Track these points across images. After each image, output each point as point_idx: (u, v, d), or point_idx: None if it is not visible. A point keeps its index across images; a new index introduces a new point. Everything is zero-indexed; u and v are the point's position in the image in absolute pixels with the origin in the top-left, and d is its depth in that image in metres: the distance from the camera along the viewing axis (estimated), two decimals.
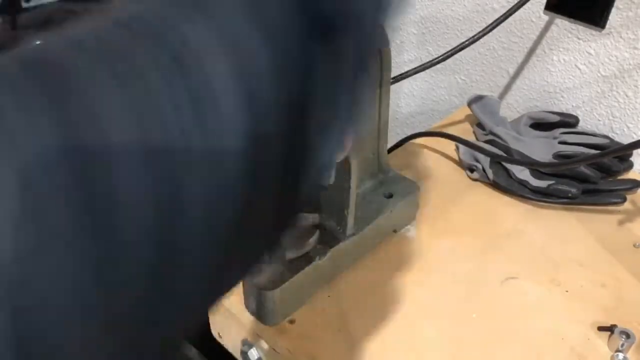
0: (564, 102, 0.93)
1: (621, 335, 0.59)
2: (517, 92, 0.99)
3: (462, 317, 0.64)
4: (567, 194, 0.78)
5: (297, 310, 0.64)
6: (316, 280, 0.66)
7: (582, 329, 0.62)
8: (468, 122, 0.97)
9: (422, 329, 0.63)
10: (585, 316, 0.64)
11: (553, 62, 0.92)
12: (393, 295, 0.67)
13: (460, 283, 0.68)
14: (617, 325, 0.61)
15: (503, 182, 0.81)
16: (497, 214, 0.79)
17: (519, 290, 0.67)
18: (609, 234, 0.75)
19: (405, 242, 0.74)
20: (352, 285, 0.68)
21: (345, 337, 0.62)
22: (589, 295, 0.66)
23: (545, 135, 0.87)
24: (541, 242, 0.74)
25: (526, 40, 0.93)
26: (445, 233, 0.75)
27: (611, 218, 0.77)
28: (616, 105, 0.87)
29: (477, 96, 0.93)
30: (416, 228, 0.76)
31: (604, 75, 0.86)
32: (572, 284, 0.68)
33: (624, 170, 0.83)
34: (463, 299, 0.66)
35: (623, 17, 0.81)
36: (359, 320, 0.63)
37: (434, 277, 0.69)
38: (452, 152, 0.90)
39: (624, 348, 0.59)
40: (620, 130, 0.88)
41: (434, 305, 0.65)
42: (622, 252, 0.72)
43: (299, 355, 0.60)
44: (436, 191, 0.78)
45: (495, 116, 0.91)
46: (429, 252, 0.73)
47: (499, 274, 0.69)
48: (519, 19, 0.92)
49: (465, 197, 0.81)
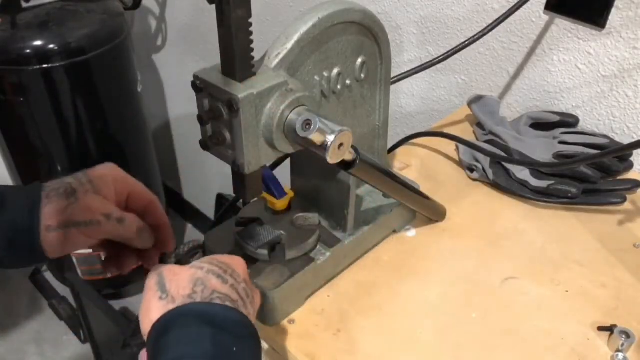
0: (564, 102, 0.93)
1: (621, 335, 0.59)
2: (517, 92, 0.99)
3: (462, 317, 0.64)
4: (567, 194, 0.78)
5: (297, 310, 0.64)
6: (316, 280, 0.66)
7: (582, 329, 0.62)
8: (468, 122, 0.97)
9: (422, 329, 0.63)
10: (585, 316, 0.64)
11: (553, 62, 0.92)
12: (393, 295, 0.67)
13: (460, 283, 0.68)
14: (617, 325, 0.60)
15: (503, 182, 0.81)
16: (497, 214, 0.79)
17: (519, 290, 0.67)
18: (609, 234, 0.75)
19: (405, 242, 0.74)
20: (352, 285, 0.68)
21: (345, 337, 0.62)
22: (589, 295, 0.66)
23: (545, 135, 0.87)
24: (541, 242, 0.74)
25: (526, 40, 0.93)
26: (445, 233, 0.75)
27: (611, 218, 0.77)
28: (616, 105, 0.87)
29: (477, 96, 0.93)
30: (416, 228, 0.76)
31: (604, 75, 0.86)
32: (572, 284, 0.68)
33: (624, 170, 0.83)
34: (463, 299, 0.66)
35: (623, 17, 0.81)
36: (359, 320, 0.63)
37: (434, 277, 0.69)
38: (452, 152, 0.90)
39: (624, 348, 0.59)
40: (620, 130, 0.88)
41: (434, 305, 0.65)
42: (622, 252, 0.72)
43: (299, 355, 0.60)
44: (436, 191, 0.78)
45: (495, 116, 0.91)
46: (428, 252, 0.73)
47: (499, 274, 0.69)
48: (519, 19, 0.92)
49: (465, 197, 0.81)
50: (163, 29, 1.82)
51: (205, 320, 0.44)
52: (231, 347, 0.44)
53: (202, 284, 0.48)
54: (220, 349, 0.43)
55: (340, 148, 0.51)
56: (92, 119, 1.50)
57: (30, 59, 1.33)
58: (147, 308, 0.47)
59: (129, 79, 1.57)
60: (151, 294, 0.48)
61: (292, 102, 0.52)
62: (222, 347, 0.43)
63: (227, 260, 0.51)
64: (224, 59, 0.51)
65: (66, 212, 0.52)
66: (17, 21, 1.37)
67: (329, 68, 0.59)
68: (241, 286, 0.50)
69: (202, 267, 0.49)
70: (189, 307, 0.45)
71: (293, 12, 1.33)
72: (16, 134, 1.50)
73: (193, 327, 0.44)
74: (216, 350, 0.43)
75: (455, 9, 1.00)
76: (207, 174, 2.05)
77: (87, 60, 1.39)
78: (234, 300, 0.48)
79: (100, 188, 0.54)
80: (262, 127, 0.52)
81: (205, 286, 0.47)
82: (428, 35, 1.06)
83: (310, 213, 0.67)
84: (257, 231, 0.65)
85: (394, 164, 0.87)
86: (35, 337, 1.90)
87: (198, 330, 0.43)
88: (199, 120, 0.53)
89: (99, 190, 0.54)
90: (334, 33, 0.58)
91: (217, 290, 0.48)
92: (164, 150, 2.10)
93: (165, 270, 0.50)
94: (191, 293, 0.47)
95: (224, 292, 0.48)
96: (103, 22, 1.44)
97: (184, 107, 1.97)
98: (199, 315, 0.45)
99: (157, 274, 0.49)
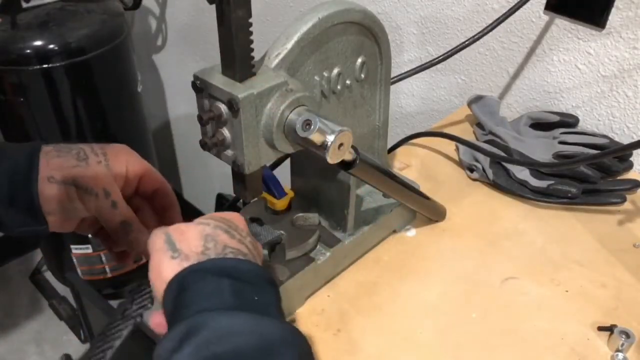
0: (564, 102, 0.93)
1: (621, 335, 0.59)
2: (517, 92, 0.99)
3: (462, 317, 0.64)
4: (567, 194, 0.78)
5: (297, 310, 0.64)
6: (316, 280, 0.66)
7: (582, 329, 0.62)
8: (468, 122, 0.97)
9: (422, 329, 0.63)
10: (585, 316, 0.64)
11: (553, 62, 0.91)
12: (393, 295, 0.67)
13: (460, 283, 0.68)
14: (617, 325, 0.60)
15: (503, 182, 0.81)
16: (497, 214, 0.79)
17: (519, 290, 0.67)
18: (609, 234, 0.75)
19: (405, 242, 0.74)
20: (352, 285, 0.68)
21: (345, 337, 0.62)
22: (589, 295, 0.66)
23: (545, 135, 0.87)
24: (541, 242, 0.74)
25: (526, 40, 0.93)
26: (445, 233, 0.75)
27: (611, 218, 0.77)
28: (616, 105, 0.87)
29: (477, 96, 0.93)
30: (416, 228, 0.76)
31: (604, 75, 0.86)
32: (572, 284, 0.68)
33: (624, 170, 0.83)
34: (463, 299, 0.66)
35: (623, 17, 0.81)
36: (359, 320, 0.64)
37: (434, 277, 0.69)
38: (452, 152, 0.90)
39: (624, 348, 0.59)
40: (620, 130, 0.88)
41: (434, 305, 0.65)
42: (622, 252, 0.72)
43: None
44: (436, 191, 0.78)
45: (495, 116, 0.91)
46: (428, 252, 0.73)
47: (499, 274, 0.69)
48: (519, 19, 0.92)
49: (465, 197, 0.81)
50: (163, 29, 1.82)
51: (223, 274, 0.44)
52: (252, 296, 0.44)
53: (213, 240, 0.47)
54: (242, 299, 0.43)
55: (340, 148, 0.51)
56: (92, 119, 1.50)
57: (30, 59, 1.33)
58: (159, 269, 0.46)
59: (129, 79, 1.57)
60: (161, 254, 0.46)
61: (292, 102, 0.52)
62: (244, 297, 0.43)
63: (228, 216, 0.51)
64: (224, 59, 0.51)
65: (73, 170, 0.52)
66: (17, 21, 1.37)
67: (329, 68, 0.59)
68: (247, 239, 0.50)
69: (209, 223, 0.49)
70: (205, 264, 0.45)
71: (293, 12, 1.33)
72: (16, 134, 1.50)
73: (211, 281, 0.43)
74: (238, 301, 0.42)
75: (455, 9, 1.00)
76: (207, 174, 2.05)
77: (87, 60, 1.39)
78: (245, 253, 0.48)
79: (112, 164, 0.55)
80: (262, 127, 0.52)
81: (216, 242, 0.47)
82: (428, 35, 1.06)
83: (310, 213, 0.67)
84: (257, 231, 0.65)
85: (394, 164, 0.87)
86: (35, 337, 1.90)
87: (217, 284, 0.43)
88: (199, 120, 0.53)
89: (110, 166, 0.54)
90: (334, 33, 0.58)
91: (227, 245, 0.47)
92: (164, 150, 2.10)
93: (171, 229, 0.48)
94: (204, 250, 0.46)
95: (235, 247, 0.47)
96: (103, 22, 1.44)
97: (184, 107, 1.97)
98: (217, 270, 0.44)
99: (163, 233, 0.48)
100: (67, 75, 1.39)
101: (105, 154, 0.55)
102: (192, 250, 0.46)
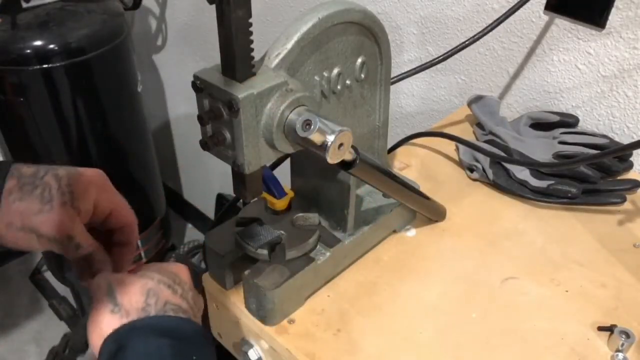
0: (564, 102, 0.93)
1: (621, 335, 0.59)
2: (517, 92, 0.99)
3: (462, 317, 0.64)
4: (567, 194, 0.78)
5: (297, 310, 0.64)
6: (316, 280, 0.66)
7: (582, 329, 0.62)
8: (468, 122, 0.97)
9: (422, 329, 0.63)
10: (585, 316, 0.64)
11: (553, 62, 0.92)
12: (393, 295, 0.67)
13: (460, 283, 0.68)
14: (617, 325, 0.60)
15: (503, 182, 0.81)
16: (497, 214, 0.79)
17: (519, 290, 0.67)
18: (609, 234, 0.75)
19: (405, 242, 0.74)
20: (352, 285, 0.68)
21: (345, 337, 0.62)
22: (588, 295, 0.66)
23: (545, 135, 0.87)
24: (541, 242, 0.74)
25: (526, 40, 0.93)
26: (445, 233, 0.75)
27: (611, 218, 0.77)
28: (616, 105, 0.87)
29: (477, 96, 0.93)
30: (416, 228, 0.76)
31: (604, 75, 0.86)
32: (572, 284, 0.68)
33: (624, 170, 0.83)
34: (463, 299, 0.66)
35: (623, 17, 0.81)
36: (359, 320, 0.63)
37: (434, 277, 0.69)
38: (452, 152, 0.90)
39: (624, 348, 0.59)
40: (620, 130, 0.88)
41: (434, 305, 0.65)
42: (622, 252, 0.72)
43: (299, 355, 0.60)
44: (436, 191, 0.78)
45: (495, 116, 0.91)
46: (428, 252, 0.73)
47: (499, 274, 0.69)
48: (519, 19, 0.92)
49: (465, 197, 0.81)
50: (163, 29, 1.82)
51: (162, 333, 0.44)
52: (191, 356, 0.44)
53: (155, 295, 0.47)
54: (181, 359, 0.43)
55: (340, 148, 0.51)
56: (92, 119, 1.50)
57: (30, 59, 1.33)
58: (97, 321, 0.46)
59: (129, 79, 1.57)
60: (102, 306, 0.46)
61: (292, 102, 0.52)
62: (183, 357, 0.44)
63: (173, 269, 0.51)
64: (224, 59, 0.51)
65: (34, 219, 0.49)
66: (17, 21, 1.37)
67: (329, 68, 0.59)
68: (189, 295, 0.50)
69: (153, 277, 0.49)
70: (145, 321, 0.45)
71: (293, 12, 1.33)
72: (16, 134, 1.50)
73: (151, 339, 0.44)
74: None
75: (455, 9, 1.00)
76: (207, 174, 2.05)
77: (87, 60, 1.39)
78: (185, 310, 0.48)
79: (78, 201, 0.52)
80: (262, 127, 0.52)
81: (158, 297, 0.47)
82: (428, 35, 1.06)
83: (310, 213, 0.67)
84: (257, 231, 0.65)
85: (394, 164, 0.87)
86: (35, 337, 1.90)
87: (157, 343, 0.43)
88: (199, 120, 0.53)
89: (76, 204, 0.51)
90: (334, 33, 0.58)
91: (169, 301, 0.47)
92: (164, 150, 2.10)
93: (114, 280, 0.48)
94: (145, 306, 0.46)
95: (176, 303, 0.48)
96: (103, 22, 1.44)
97: (184, 107, 1.97)
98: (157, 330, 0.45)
99: (106, 283, 0.48)
100: (67, 75, 1.39)
101: (72, 192, 0.51)
102: (132, 305, 0.46)
